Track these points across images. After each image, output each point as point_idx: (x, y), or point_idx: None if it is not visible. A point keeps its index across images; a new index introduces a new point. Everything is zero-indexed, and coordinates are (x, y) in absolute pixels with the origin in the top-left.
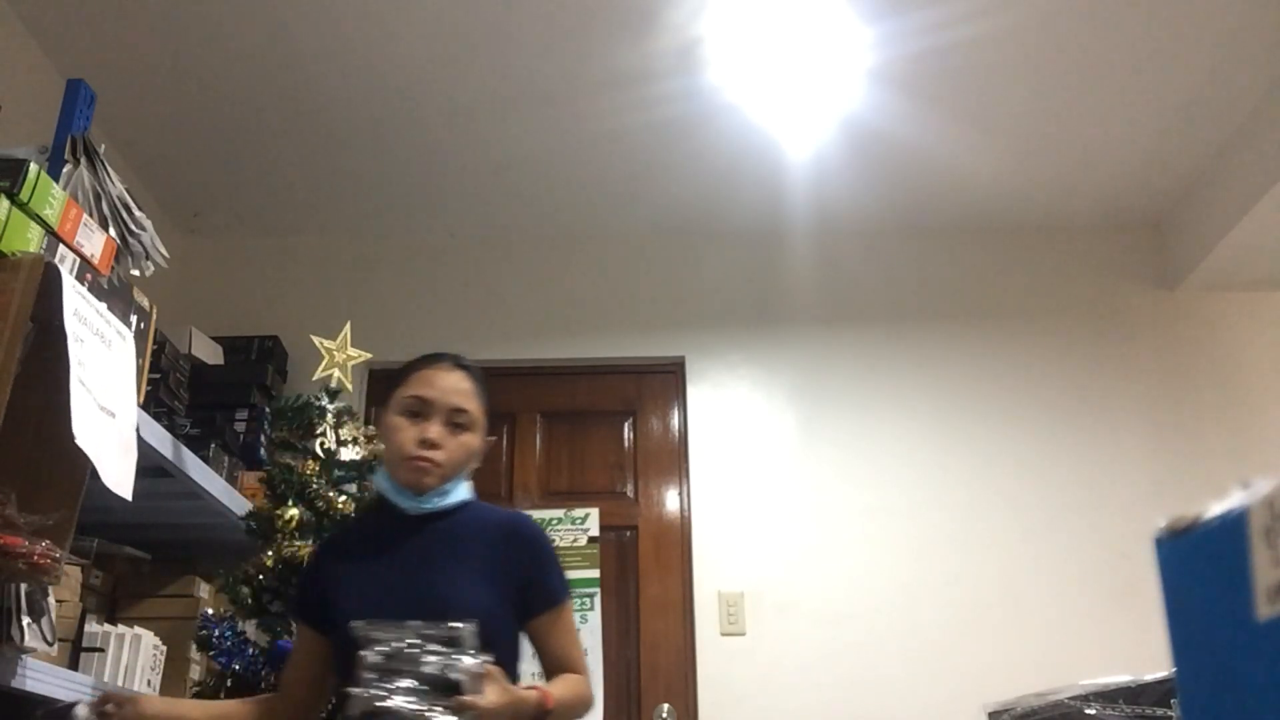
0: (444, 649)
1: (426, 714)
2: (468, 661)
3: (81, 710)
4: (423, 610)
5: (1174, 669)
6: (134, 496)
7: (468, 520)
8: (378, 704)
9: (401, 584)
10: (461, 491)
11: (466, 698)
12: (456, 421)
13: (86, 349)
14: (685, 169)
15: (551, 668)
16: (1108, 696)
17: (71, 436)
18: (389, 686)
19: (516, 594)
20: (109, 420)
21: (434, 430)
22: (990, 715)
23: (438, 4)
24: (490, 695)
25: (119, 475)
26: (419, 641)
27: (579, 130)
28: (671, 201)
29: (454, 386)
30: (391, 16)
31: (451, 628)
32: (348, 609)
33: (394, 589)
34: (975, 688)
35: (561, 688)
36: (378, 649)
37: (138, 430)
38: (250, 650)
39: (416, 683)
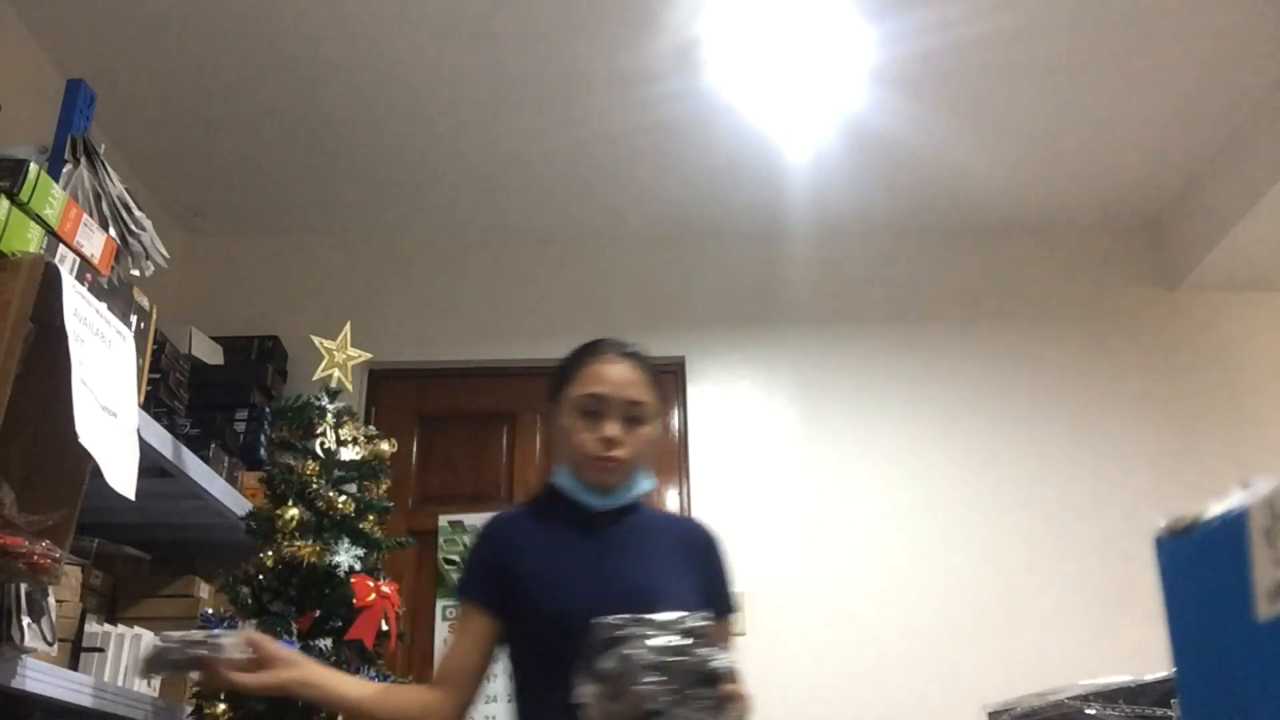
0: (702, 642)
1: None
2: (720, 653)
3: (228, 639)
4: (637, 604)
5: (1174, 669)
6: (134, 496)
7: (651, 516)
8: (671, 706)
9: (613, 577)
10: (644, 483)
11: (731, 688)
12: (633, 416)
13: (87, 349)
14: (685, 169)
15: None
16: (1108, 696)
17: (73, 436)
18: (672, 686)
19: (704, 595)
20: (111, 420)
21: (612, 429)
22: (990, 715)
23: (438, 4)
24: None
25: (122, 474)
26: (683, 637)
27: (579, 130)
28: (671, 201)
29: (627, 379)
30: (391, 17)
31: (704, 619)
32: (555, 601)
33: (604, 582)
34: (975, 688)
35: None
36: (647, 645)
37: (138, 430)
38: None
39: (689, 680)
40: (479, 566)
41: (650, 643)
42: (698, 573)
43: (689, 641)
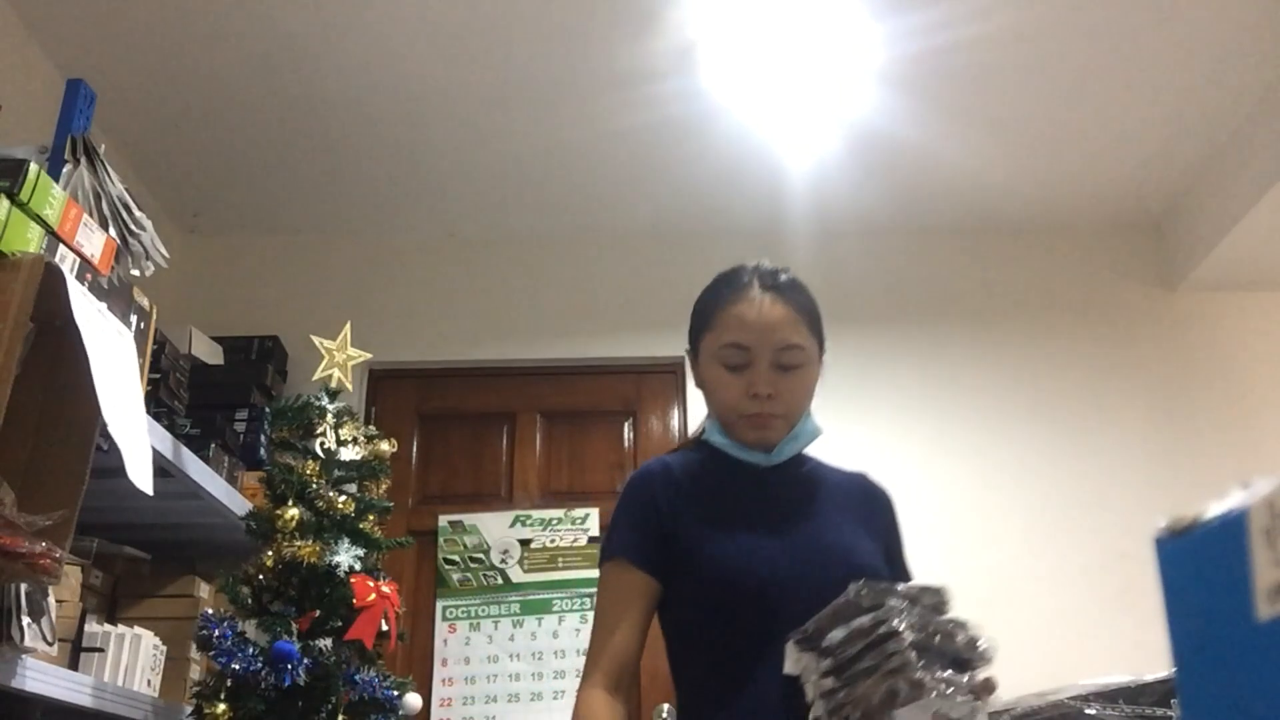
0: (959, 620)
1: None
2: (982, 632)
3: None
4: (835, 566)
5: (1174, 669)
6: (134, 497)
7: (823, 469)
8: (927, 694)
9: (803, 536)
10: (811, 428)
11: (990, 675)
12: (787, 362)
13: (100, 344)
14: (685, 169)
15: None
16: (1108, 697)
17: (73, 437)
18: (928, 669)
19: (885, 558)
20: (120, 418)
21: (763, 381)
22: (989, 715)
23: (438, 4)
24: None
25: (141, 469)
26: (935, 611)
27: (579, 130)
28: (671, 201)
29: (775, 320)
30: (391, 16)
31: (941, 590)
32: (740, 563)
33: (794, 542)
34: None
35: None
36: (906, 622)
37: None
38: (250, 650)
39: (944, 662)
40: (637, 521)
41: (902, 618)
42: (879, 534)
43: (947, 618)
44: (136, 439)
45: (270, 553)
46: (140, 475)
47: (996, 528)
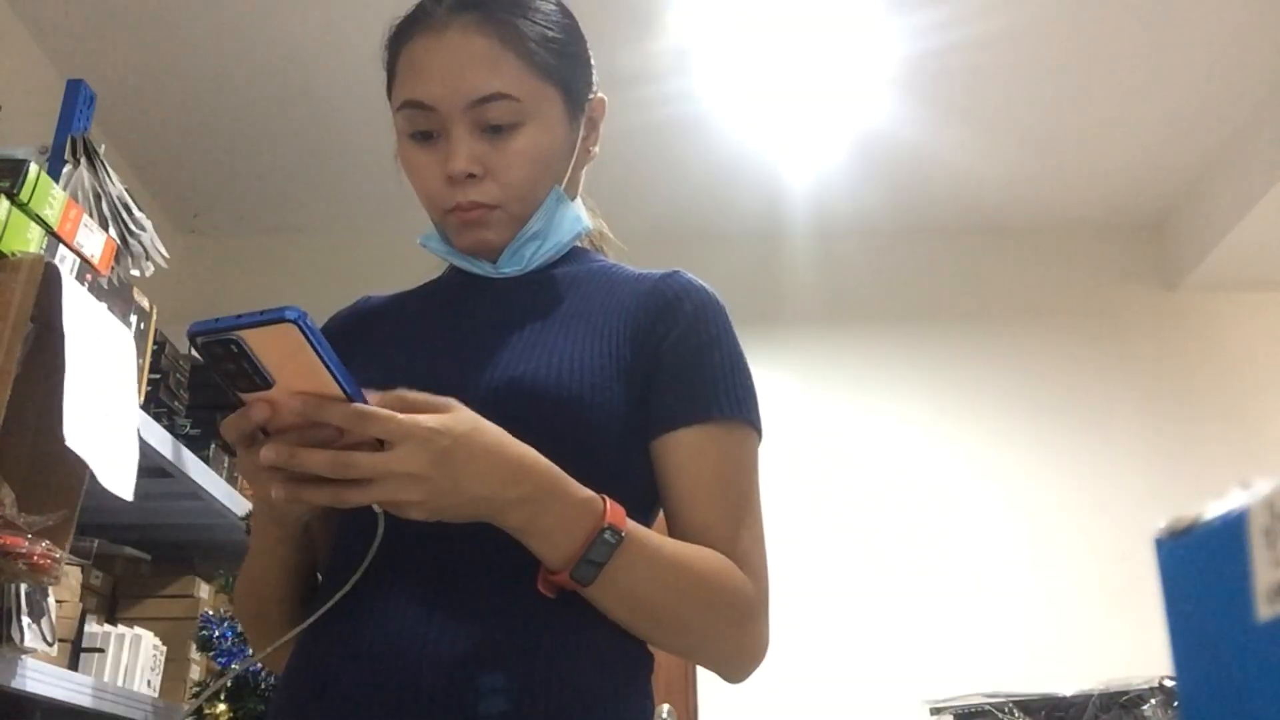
0: None
1: None
2: None
3: None
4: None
5: (1174, 669)
6: (134, 496)
7: (595, 272)
8: None
9: (464, 373)
10: (561, 221)
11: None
12: (493, 122)
13: (85, 350)
14: (685, 170)
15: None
16: (1028, 708)
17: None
18: None
19: (630, 388)
20: (108, 421)
21: (459, 156)
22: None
23: None
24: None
25: (118, 476)
26: None
27: None
28: (671, 201)
29: (462, 59)
30: (392, 17)
31: None
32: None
33: (443, 379)
34: (975, 687)
35: (659, 539)
36: None
37: (138, 431)
38: (250, 650)
39: None
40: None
41: None
42: (644, 357)
43: None
44: (123, 443)
45: None
46: (116, 482)
47: (996, 527)
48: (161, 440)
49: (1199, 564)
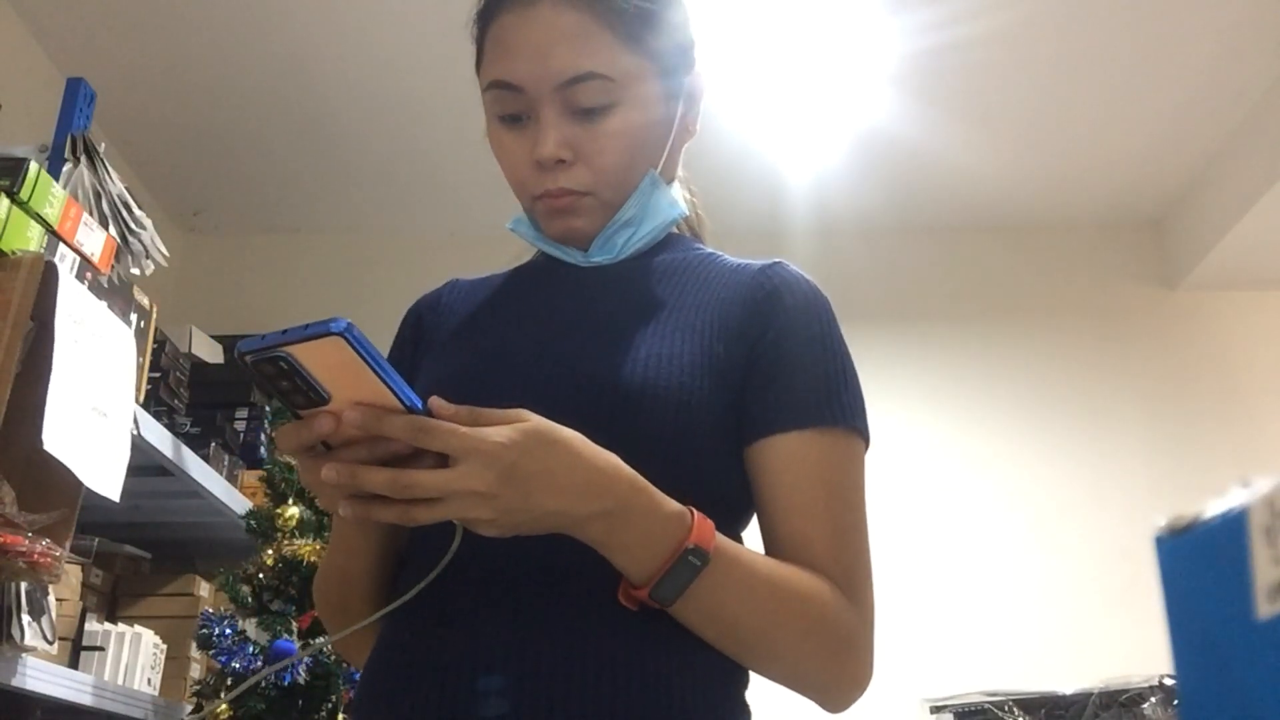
0: None
1: None
2: None
3: None
4: (562, 402)
5: (1174, 669)
6: (134, 496)
7: (693, 262)
8: None
9: (547, 363)
10: (657, 207)
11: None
12: (582, 104)
13: (78, 350)
14: (685, 167)
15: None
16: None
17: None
18: None
19: (709, 386)
20: (97, 421)
21: (547, 141)
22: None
23: (438, 3)
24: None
25: (103, 477)
26: None
27: None
28: None
29: (551, 36)
30: (392, 16)
31: None
32: (437, 391)
33: (526, 371)
34: (975, 686)
35: (752, 556)
36: None
37: (138, 430)
38: (250, 649)
39: None
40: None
41: None
42: (738, 353)
43: None
44: (112, 443)
45: (270, 551)
46: (100, 481)
47: (996, 527)
48: (161, 439)
49: (1199, 562)
